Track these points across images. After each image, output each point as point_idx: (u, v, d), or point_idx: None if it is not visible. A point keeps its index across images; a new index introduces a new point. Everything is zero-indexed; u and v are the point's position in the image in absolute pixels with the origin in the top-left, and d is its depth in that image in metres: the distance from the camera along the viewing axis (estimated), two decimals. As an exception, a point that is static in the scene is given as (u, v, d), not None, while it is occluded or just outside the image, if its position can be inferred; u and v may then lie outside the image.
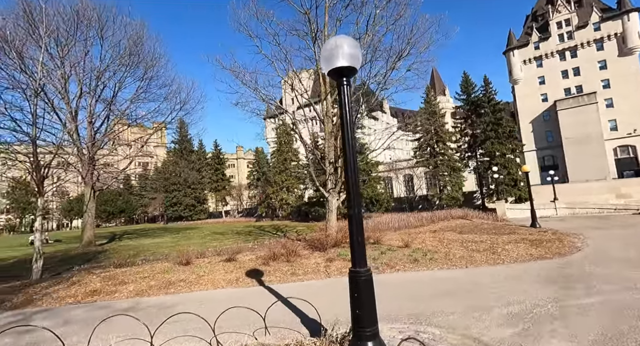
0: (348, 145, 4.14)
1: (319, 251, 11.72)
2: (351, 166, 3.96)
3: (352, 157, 4.12)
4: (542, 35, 57.58)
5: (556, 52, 56.71)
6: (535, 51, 58.60)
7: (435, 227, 22.78)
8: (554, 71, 56.36)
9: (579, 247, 13.29)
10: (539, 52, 58.27)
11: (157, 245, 19.26)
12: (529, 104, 57.56)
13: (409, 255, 11.30)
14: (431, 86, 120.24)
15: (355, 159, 4.14)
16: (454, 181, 37.02)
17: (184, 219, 52.16)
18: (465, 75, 40.78)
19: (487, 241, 14.60)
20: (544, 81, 57.24)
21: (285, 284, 8.32)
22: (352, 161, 4.11)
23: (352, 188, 3.83)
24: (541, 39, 57.88)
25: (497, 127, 36.42)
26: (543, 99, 56.86)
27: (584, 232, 17.21)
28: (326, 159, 13.38)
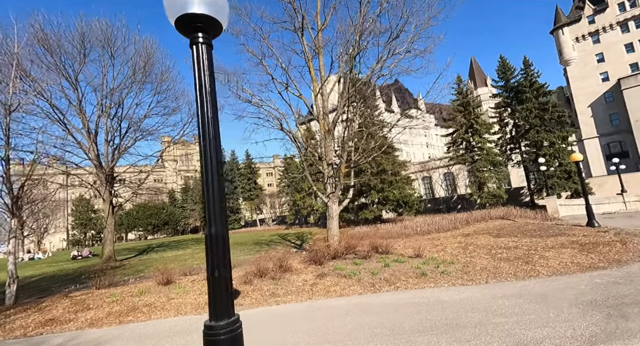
0: (206, 132, 2.65)
1: (315, 264, 10.45)
2: (210, 162, 2.56)
3: (213, 150, 2.67)
4: (597, 7, 50.87)
5: (616, 23, 49.73)
6: (590, 26, 51.96)
7: (469, 230, 20.32)
8: (615, 46, 49.43)
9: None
10: (594, 26, 51.57)
11: (174, 258, 19.30)
12: (586, 86, 50.93)
13: (417, 267, 9.57)
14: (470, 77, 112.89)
15: (217, 154, 2.73)
16: (495, 177, 33.22)
17: (218, 229, 53.50)
18: (502, 59, 36.76)
19: (524, 246, 12.18)
20: (603, 58, 50.46)
21: (256, 309, 7.22)
22: (211, 156, 2.67)
23: (212, 194, 2.49)
24: (596, 11, 51.16)
25: (542, 113, 32.07)
26: (603, 79, 50.03)
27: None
28: (323, 160, 12.13)
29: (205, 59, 2.49)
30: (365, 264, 10.31)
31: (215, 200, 2.48)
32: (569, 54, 54.08)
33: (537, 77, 33.27)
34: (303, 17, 11.09)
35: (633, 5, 48.43)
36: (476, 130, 34.59)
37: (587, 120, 49.62)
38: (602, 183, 33.43)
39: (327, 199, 12.34)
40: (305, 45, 11.76)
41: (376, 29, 11.00)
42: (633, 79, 45.34)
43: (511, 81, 35.41)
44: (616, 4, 49.79)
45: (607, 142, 48.97)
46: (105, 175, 18.13)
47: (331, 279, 8.90)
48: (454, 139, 36.42)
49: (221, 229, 2.49)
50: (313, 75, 12.24)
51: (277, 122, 11.69)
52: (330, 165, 12.01)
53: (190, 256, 19.88)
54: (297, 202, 41.50)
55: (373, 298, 7.36)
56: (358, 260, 10.84)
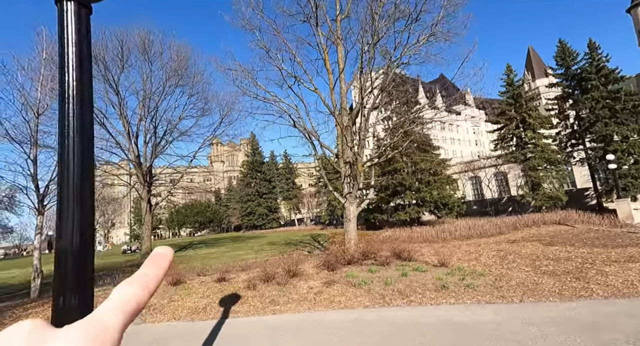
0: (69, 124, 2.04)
1: (328, 270, 9.77)
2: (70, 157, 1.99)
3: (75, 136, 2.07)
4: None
5: None
6: (679, -2, 44.19)
7: (516, 236, 18.11)
8: None
9: None
10: (683, -1, 43.77)
11: (205, 256, 19.87)
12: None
13: (438, 278, 8.41)
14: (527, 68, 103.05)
15: (86, 147, 2.14)
16: (552, 176, 29.36)
17: (257, 228, 55.10)
18: (561, 43, 32.44)
19: (578, 258, 10.25)
20: (697, 35, 42.52)
21: (249, 318, 6.78)
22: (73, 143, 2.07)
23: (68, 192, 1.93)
24: (685, -19, 43.36)
25: (612, 103, 27.56)
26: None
27: None
28: (340, 158, 11.36)
29: (74, 22, 2.02)
30: (381, 272, 9.38)
31: (71, 199, 1.96)
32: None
33: (605, 61, 28.73)
34: (317, 5, 10.43)
35: None
36: (529, 124, 30.96)
37: (673, 110, 42.06)
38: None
39: (344, 200, 11.56)
40: (320, 35, 11.12)
41: (397, 13, 9.95)
42: None
43: (573, 68, 31.09)
44: None
45: (701, 135, 41.05)
46: (143, 174, 19.29)
47: (339, 288, 8.16)
48: (502, 135, 33.04)
49: (79, 243, 1.96)
50: (329, 67, 11.50)
51: (290, 118, 11.24)
52: (347, 163, 11.21)
53: (220, 254, 20.33)
54: (332, 202, 40.85)
55: (377, 313, 6.50)
56: (375, 266, 9.94)
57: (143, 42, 18.71)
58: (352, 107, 12.00)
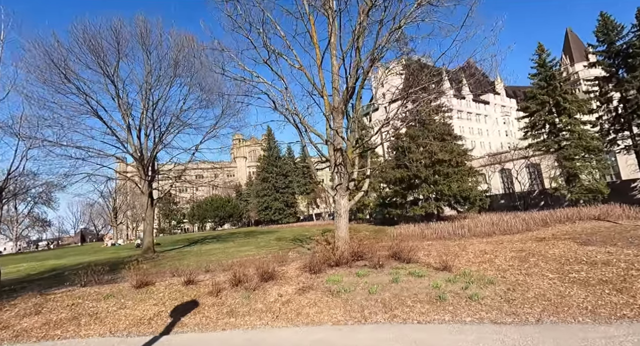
0: None
1: (310, 272, 8.50)
2: None
3: None
4: None
5: None
6: None
7: (545, 233, 16.00)
8: None
9: None
10: None
11: (207, 252, 19.28)
12: None
13: (436, 286, 6.88)
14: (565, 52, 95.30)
15: None
16: (591, 166, 26.10)
17: (274, 223, 54.73)
18: (603, 17, 28.59)
19: (621, 262, 8.28)
20: None
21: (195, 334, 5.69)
22: None
23: None
24: None
25: (666, 81, 23.87)
26: None
27: None
28: (330, 145, 9.93)
29: None
30: (371, 276, 7.98)
31: None
32: None
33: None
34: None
35: None
36: (564, 109, 27.69)
37: None
38: None
39: (333, 192, 10.16)
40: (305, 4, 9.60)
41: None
42: None
43: (617, 43, 27.39)
44: None
45: None
46: (144, 168, 18.93)
47: (313, 296, 6.88)
48: (532, 122, 29.90)
49: None
50: (316, 42, 9.96)
51: (270, 100, 9.94)
52: (337, 150, 9.78)
53: (222, 251, 19.65)
54: (346, 196, 39.40)
55: (346, 333, 5.15)
56: (365, 269, 8.54)
57: (141, 30, 18.16)
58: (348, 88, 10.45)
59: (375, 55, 9.12)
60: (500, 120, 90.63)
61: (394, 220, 32.28)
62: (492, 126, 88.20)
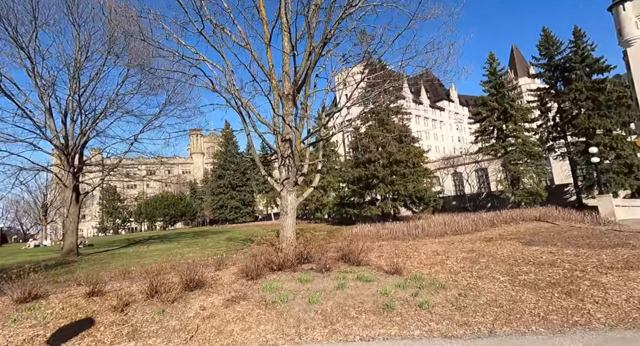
0: None
1: (248, 278, 7.39)
2: None
3: None
4: (668, -25, 42.74)
5: (695, -8, 41.47)
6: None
7: (493, 233, 16.37)
8: None
9: None
10: (664, -3, 43.44)
11: (141, 254, 17.23)
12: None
13: (384, 292, 6.18)
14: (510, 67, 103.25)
15: None
16: (532, 171, 28.01)
17: (230, 222, 52.24)
18: (545, 32, 30.93)
19: (566, 262, 8.28)
20: (674, 35, 42.42)
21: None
22: None
23: None
24: (667, -21, 43.00)
25: (596, 94, 26.27)
26: (674, 59, 42.03)
27: None
28: (278, 135, 8.95)
29: None
30: (315, 281, 7.09)
31: None
32: (632, 33, 46.16)
33: (591, 50, 27.37)
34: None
35: None
36: (510, 115, 29.40)
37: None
38: (672, 181, 27.01)
39: (279, 187, 9.17)
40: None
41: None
42: None
43: (556, 57, 29.70)
44: (694, -31, 41.41)
45: (676, 134, 41.31)
46: (68, 157, 16.33)
47: (243, 308, 5.80)
48: (483, 127, 31.45)
49: None
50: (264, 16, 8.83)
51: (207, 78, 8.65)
52: (286, 141, 8.81)
53: (162, 252, 17.65)
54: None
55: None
56: (311, 274, 7.64)
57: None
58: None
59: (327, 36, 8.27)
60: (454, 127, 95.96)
61: (352, 220, 32.06)
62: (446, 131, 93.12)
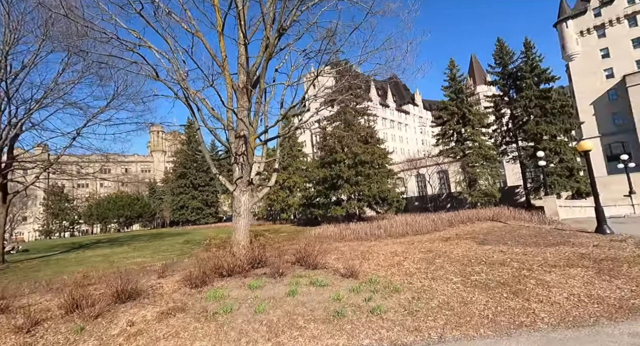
0: None
1: (191, 286, 6.73)
2: None
3: None
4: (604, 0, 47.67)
5: (624, 16, 46.54)
6: (596, 19, 48.79)
7: (450, 233, 16.83)
8: (622, 41, 46.34)
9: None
10: (600, 19, 48.39)
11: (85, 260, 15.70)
12: (589, 83, 47.92)
13: (336, 298, 5.87)
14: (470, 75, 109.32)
15: None
16: (487, 173, 29.63)
17: (192, 223, 49.81)
18: (500, 42, 32.91)
19: (514, 261, 8.54)
20: (608, 54, 47.35)
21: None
22: None
23: None
24: (603, 3, 47.91)
25: (543, 102, 28.42)
26: (608, 75, 46.92)
27: (694, 242, 10.27)
28: (231, 131, 8.37)
29: None
30: (266, 288, 6.62)
31: None
32: (573, 49, 50.94)
33: (539, 61, 29.50)
34: None
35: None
36: (468, 120, 30.87)
37: (589, 119, 46.45)
38: (606, 184, 29.90)
39: (232, 187, 8.59)
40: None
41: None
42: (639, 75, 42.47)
43: (509, 66, 31.66)
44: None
45: (608, 142, 46.14)
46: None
47: (179, 321, 5.19)
48: (444, 130, 32.71)
49: None
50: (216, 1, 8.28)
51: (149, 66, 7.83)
52: (240, 138, 8.24)
53: (106, 258, 16.15)
54: (270, 196, 37.74)
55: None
56: (263, 279, 7.16)
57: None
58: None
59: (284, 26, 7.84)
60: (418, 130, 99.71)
61: (318, 221, 31.84)
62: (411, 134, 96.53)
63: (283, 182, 36.51)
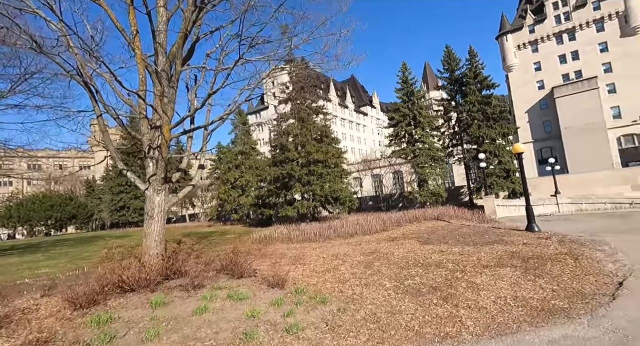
0: None
1: (74, 308, 5.48)
2: None
3: None
4: (537, 18, 52.56)
5: (553, 35, 51.66)
6: (530, 35, 53.58)
7: (398, 232, 16.88)
8: (551, 56, 51.48)
9: (613, 271, 7.26)
10: (534, 35, 53.21)
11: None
12: (525, 92, 52.65)
13: (251, 315, 5.09)
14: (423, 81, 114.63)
15: None
16: (435, 173, 30.88)
17: (133, 225, 45.73)
18: (447, 49, 34.54)
19: (450, 262, 8.44)
20: (540, 67, 52.29)
21: None
22: None
23: None
24: (536, 21, 52.76)
25: (485, 108, 30.31)
26: (539, 86, 51.86)
27: (605, 237, 11.14)
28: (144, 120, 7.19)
29: None
30: (172, 305, 5.62)
31: None
32: (511, 61, 55.58)
33: (481, 68, 31.40)
34: None
35: (567, 18, 50.36)
36: (419, 122, 31.90)
37: (524, 125, 50.98)
38: (536, 185, 32.79)
39: (143, 185, 7.40)
40: None
41: None
42: (564, 88, 47.54)
43: (456, 72, 33.30)
44: (553, 16, 51.63)
45: (540, 147, 51.01)
46: None
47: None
48: (396, 132, 33.47)
49: None
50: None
51: (29, 37, 6.29)
52: (155, 129, 7.09)
53: (2, 269, 13.63)
54: (221, 195, 35.79)
55: None
56: (174, 293, 6.13)
57: None
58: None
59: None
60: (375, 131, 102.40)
61: (270, 222, 30.76)
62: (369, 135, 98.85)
63: (235, 181, 34.79)
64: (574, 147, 44.90)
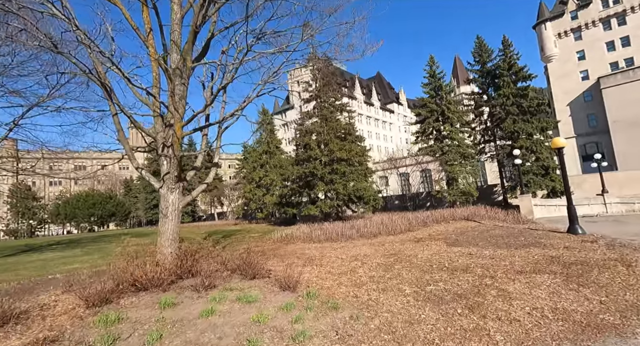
0: None
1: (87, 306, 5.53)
2: None
3: None
4: (581, 2, 48.32)
5: (599, 20, 47.35)
6: (573, 22, 49.46)
7: (424, 233, 16.15)
8: (597, 43, 47.16)
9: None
10: (576, 22, 49.07)
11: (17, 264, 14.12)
12: (566, 84, 48.63)
13: (258, 319, 4.82)
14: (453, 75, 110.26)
15: None
16: (465, 171, 29.28)
17: (165, 222, 47.71)
18: (479, 39, 32.58)
19: (479, 267, 7.73)
20: (584, 56, 48.10)
21: None
22: None
23: None
24: (580, 6, 48.59)
25: (520, 100, 28.25)
26: (583, 77, 47.74)
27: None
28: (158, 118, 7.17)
29: None
30: (181, 307, 5.51)
31: None
32: (551, 50, 51.67)
33: (516, 59, 29.27)
34: None
35: (616, 1, 45.89)
36: (447, 117, 30.41)
37: (565, 119, 47.18)
38: (580, 183, 30.13)
39: (157, 184, 7.42)
40: None
41: None
42: (613, 78, 43.31)
43: (488, 64, 31.34)
44: (600, 0, 47.24)
45: (583, 142, 47.03)
46: None
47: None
48: (423, 128, 32.16)
49: None
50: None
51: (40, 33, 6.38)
52: (169, 127, 7.05)
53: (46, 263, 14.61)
54: (246, 194, 36.35)
55: None
56: (185, 294, 6.04)
57: None
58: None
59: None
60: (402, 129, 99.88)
61: (294, 220, 30.77)
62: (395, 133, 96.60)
63: (259, 180, 35.19)
64: (624, 142, 40.83)
